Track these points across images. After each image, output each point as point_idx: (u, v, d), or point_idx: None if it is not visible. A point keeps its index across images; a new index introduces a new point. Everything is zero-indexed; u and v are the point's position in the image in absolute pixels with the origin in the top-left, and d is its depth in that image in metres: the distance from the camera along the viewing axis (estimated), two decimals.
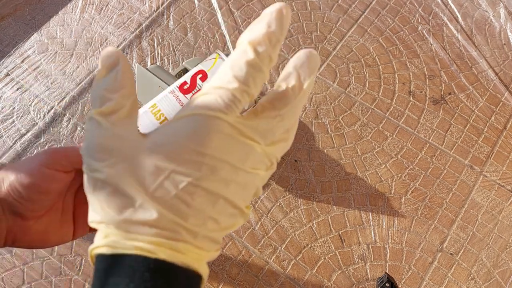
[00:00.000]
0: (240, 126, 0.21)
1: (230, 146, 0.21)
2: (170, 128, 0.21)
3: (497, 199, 1.23)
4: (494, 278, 1.13)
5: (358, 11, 1.52)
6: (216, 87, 0.21)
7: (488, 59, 1.44)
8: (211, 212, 0.21)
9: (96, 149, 0.21)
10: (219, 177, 0.21)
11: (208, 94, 0.21)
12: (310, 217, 1.19)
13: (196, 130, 0.21)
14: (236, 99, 0.21)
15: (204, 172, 0.20)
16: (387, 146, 1.29)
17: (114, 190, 0.21)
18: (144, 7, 1.52)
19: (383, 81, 1.40)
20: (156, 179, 0.20)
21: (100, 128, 0.22)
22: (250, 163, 0.22)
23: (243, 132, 0.21)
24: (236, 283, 1.10)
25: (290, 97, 0.23)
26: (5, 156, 1.25)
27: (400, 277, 1.12)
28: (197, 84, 0.34)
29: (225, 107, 0.21)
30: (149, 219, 0.20)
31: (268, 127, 0.22)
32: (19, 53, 1.42)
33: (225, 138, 0.21)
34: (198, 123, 0.21)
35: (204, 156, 0.20)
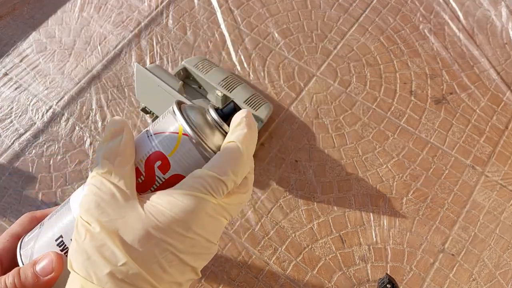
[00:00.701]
0: (220, 207, 0.26)
1: (210, 224, 0.25)
2: (166, 201, 0.25)
3: (499, 199, 1.22)
4: (496, 279, 1.12)
5: (359, 10, 1.51)
6: (212, 176, 0.25)
7: (490, 58, 1.43)
8: (179, 279, 0.25)
9: (94, 205, 0.24)
10: (195, 251, 0.25)
11: (204, 179, 0.25)
12: (311, 218, 1.18)
13: (188, 208, 0.24)
14: (225, 187, 0.26)
15: (185, 245, 0.24)
16: (388, 146, 1.29)
17: (102, 245, 0.23)
18: (143, 6, 1.51)
19: (384, 80, 1.39)
20: (144, 244, 0.23)
21: (99, 187, 0.25)
22: (218, 237, 0.27)
23: (220, 211, 0.26)
24: (236, 284, 1.10)
25: (249, 184, 0.29)
26: (3, 156, 1.24)
27: (402, 278, 1.12)
28: (156, 177, 0.27)
29: (215, 193, 0.25)
30: (129, 276, 0.23)
31: (239, 201, 0.27)
32: (17, 52, 1.41)
33: (208, 217, 0.25)
34: (191, 202, 0.24)
35: (189, 231, 0.24)
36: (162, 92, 1.09)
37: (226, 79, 1.25)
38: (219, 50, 1.43)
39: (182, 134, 0.27)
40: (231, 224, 1.17)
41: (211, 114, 0.28)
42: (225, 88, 1.23)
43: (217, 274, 1.10)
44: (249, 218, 1.17)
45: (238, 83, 1.26)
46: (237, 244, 1.14)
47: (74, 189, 1.20)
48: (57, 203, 1.18)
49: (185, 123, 0.27)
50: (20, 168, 1.23)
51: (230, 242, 1.15)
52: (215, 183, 0.25)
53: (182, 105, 0.30)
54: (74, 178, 1.22)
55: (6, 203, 1.18)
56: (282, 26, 1.47)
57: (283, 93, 1.36)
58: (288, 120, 1.32)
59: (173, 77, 1.12)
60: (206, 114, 0.29)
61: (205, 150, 0.27)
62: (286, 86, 1.37)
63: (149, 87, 1.13)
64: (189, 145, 0.27)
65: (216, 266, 1.11)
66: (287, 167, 1.25)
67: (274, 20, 1.48)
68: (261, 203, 1.19)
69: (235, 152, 0.26)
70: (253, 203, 1.19)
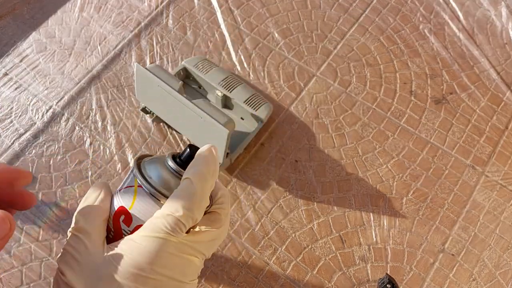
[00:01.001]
0: (184, 245, 0.26)
1: (175, 263, 0.26)
2: (127, 245, 0.26)
3: (499, 199, 1.22)
4: (496, 279, 1.12)
5: (359, 10, 1.51)
6: (166, 214, 0.26)
7: (490, 58, 1.43)
8: None
9: (67, 256, 0.27)
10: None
11: (160, 219, 0.26)
12: (311, 218, 1.18)
13: (147, 249, 0.25)
14: (182, 224, 0.26)
15: (149, 287, 0.25)
16: (388, 146, 1.29)
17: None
18: (143, 6, 1.51)
19: (384, 80, 1.39)
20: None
21: (71, 243, 0.27)
22: (190, 276, 0.27)
23: (186, 250, 0.27)
24: (236, 284, 1.10)
25: (223, 219, 0.30)
26: (3, 156, 1.24)
27: (401, 278, 1.12)
28: (122, 230, 0.29)
29: (173, 231, 0.26)
30: None
31: (210, 238, 0.29)
32: (17, 52, 1.41)
33: (172, 256, 0.26)
34: (150, 243, 0.26)
35: (151, 272, 0.25)
36: (162, 92, 1.09)
37: (226, 79, 1.25)
38: (219, 50, 1.43)
39: (137, 186, 0.29)
40: (231, 224, 1.17)
41: (168, 163, 0.30)
42: (225, 88, 1.23)
43: (217, 274, 1.10)
44: (249, 218, 1.18)
45: (238, 83, 1.26)
46: (237, 244, 1.14)
47: (74, 189, 1.20)
48: (57, 203, 1.18)
49: (139, 175, 0.29)
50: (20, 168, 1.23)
51: (230, 242, 1.15)
52: (171, 221, 0.26)
53: (144, 158, 0.32)
54: (74, 178, 1.22)
55: None
56: (282, 26, 1.47)
57: (283, 93, 1.36)
58: (288, 120, 1.32)
59: (173, 77, 1.12)
60: (165, 163, 0.31)
61: (160, 198, 0.29)
62: (286, 86, 1.37)
63: (149, 87, 1.13)
64: (144, 195, 0.29)
65: (216, 266, 1.12)
66: (287, 167, 1.25)
67: (274, 20, 1.48)
68: (261, 203, 1.19)
69: (188, 189, 0.27)
70: (253, 203, 1.19)
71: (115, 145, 1.26)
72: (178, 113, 1.11)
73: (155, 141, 1.27)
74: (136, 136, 1.27)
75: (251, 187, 1.21)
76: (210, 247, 0.29)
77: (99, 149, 1.26)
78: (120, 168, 1.23)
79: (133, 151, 1.25)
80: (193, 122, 1.08)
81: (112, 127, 1.29)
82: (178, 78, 1.18)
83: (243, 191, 1.21)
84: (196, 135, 1.15)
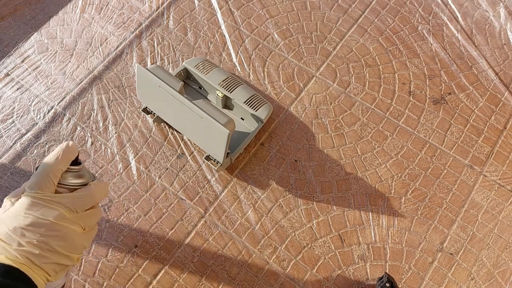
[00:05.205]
0: (43, 199, 0.40)
1: (43, 212, 0.39)
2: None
3: (497, 199, 1.23)
4: (494, 278, 1.13)
5: (358, 11, 1.52)
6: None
7: (488, 59, 1.44)
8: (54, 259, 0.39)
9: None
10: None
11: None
12: (310, 217, 1.19)
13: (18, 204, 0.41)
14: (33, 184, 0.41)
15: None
16: (387, 146, 1.29)
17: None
18: (144, 7, 1.52)
19: (383, 81, 1.40)
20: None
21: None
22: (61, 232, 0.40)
23: (46, 201, 0.40)
24: (236, 283, 1.10)
25: (89, 187, 0.45)
26: (5, 156, 1.25)
27: (400, 277, 1.12)
28: None
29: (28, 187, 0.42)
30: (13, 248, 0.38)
31: (73, 195, 0.42)
32: (19, 53, 1.42)
33: (37, 205, 0.40)
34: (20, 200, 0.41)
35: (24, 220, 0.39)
36: (163, 93, 1.10)
37: (227, 79, 1.26)
38: (220, 51, 1.44)
39: None
40: (231, 223, 1.18)
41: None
42: (225, 89, 1.24)
43: (217, 273, 1.11)
44: (249, 217, 1.18)
45: (238, 83, 1.27)
46: (237, 243, 1.15)
47: None
48: None
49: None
50: (21, 168, 1.24)
51: (230, 241, 1.15)
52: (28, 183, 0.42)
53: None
54: None
55: None
56: (282, 27, 1.48)
57: (282, 93, 1.37)
58: (287, 120, 1.33)
59: (174, 78, 1.13)
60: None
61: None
62: (286, 87, 1.38)
63: (150, 87, 1.14)
64: None
65: (216, 265, 1.12)
66: (286, 167, 1.25)
67: (274, 21, 1.49)
68: (261, 203, 1.20)
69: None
70: (253, 203, 1.20)
71: (116, 145, 1.27)
72: (179, 113, 1.12)
73: (156, 141, 1.28)
74: (137, 136, 1.28)
75: (251, 187, 1.22)
76: (76, 202, 0.41)
77: (100, 149, 1.27)
78: (121, 168, 1.24)
79: (134, 151, 1.26)
80: (194, 122, 1.09)
81: (113, 127, 1.30)
82: (178, 79, 1.19)
83: (243, 191, 1.22)
84: (197, 135, 1.16)
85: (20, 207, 0.39)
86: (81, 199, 0.41)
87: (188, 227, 1.17)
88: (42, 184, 0.39)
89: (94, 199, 0.43)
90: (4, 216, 0.39)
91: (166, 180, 1.23)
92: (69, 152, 0.43)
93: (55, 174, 0.41)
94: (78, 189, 0.43)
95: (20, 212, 0.38)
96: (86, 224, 0.42)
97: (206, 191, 1.21)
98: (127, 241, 1.15)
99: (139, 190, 1.21)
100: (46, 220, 0.38)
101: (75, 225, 0.40)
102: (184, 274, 1.11)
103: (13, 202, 0.40)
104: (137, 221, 1.17)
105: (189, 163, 1.25)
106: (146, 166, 1.24)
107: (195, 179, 1.23)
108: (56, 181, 0.41)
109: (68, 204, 0.40)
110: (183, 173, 1.24)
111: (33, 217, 0.38)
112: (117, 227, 1.16)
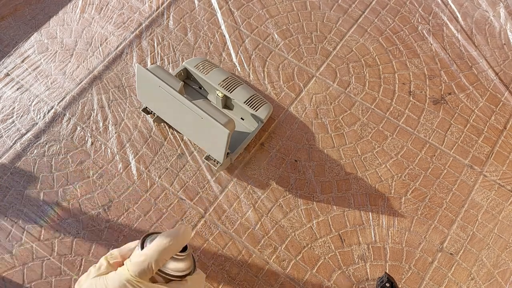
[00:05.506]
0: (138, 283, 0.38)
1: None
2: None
3: (497, 199, 1.23)
4: (494, 278, 1.13)
5: (358, 11, 1.52)
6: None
7: (488, 59, 1.44)
8: None
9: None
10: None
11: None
12: (310, 217, 1.19)
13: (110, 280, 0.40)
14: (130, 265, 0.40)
15: None
16: (387, 146, 1.29)
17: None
18: (144, 7, 1.52)
19: (383, 81, 1.40)
20: None
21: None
22: None
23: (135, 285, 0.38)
24: (236, 283, 1.10)
25: (186, 284, 0.42)
26: (5, 156, 1.25)
27: (400, 277, 1.12)
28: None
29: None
30: None
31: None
32: (19, 53, 1.42)
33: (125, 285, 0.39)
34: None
35: None
36: (163, 93, 1.10)
37: (226, 79, 1.26)
38: (220, 51, 1.44)
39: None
40: (231, 223, 1.18)
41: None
42: (225, 89, 1.24)
43: (217, 273, 1.11)
44: (249, 217, 1.18)
45: (238, 83, 1.27)
46: (237, 243, 1.15)
47: (75, 188, 1.21)
48: (59, 202, 1.19)
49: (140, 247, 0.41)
50: (21, 168, 1.24)
51: (230, 241, 1.15)
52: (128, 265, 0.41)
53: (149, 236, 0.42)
54: (75, 178, 1.22)
55: (7, 203, 1.19)
56: (282, 27, 1.48)
57: (282, 93, 1.37)
58: (287, 120, 1.33)
59: (174, 78, 1.13)
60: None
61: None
62: (286, 87, 1.38)
63: (150, 87, 1.14)
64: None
65: (216, 265, 1.12)
66: (286, 167, 1.25)
67: (274, 21, 1.49)
68: (261, 203, 1.20)
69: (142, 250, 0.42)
70: (253, 203, 1.20)
71: (116, 145, 1.27)
72: (179, 113, 1.12)
73: (156, 141, 1.28)
74: (137, 136, 1.28)
75: (251, 187, 1.22)
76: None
77: (100, 149, 1.27)
78: (121, 168, 1.24)
79: (134, 151, 1.26)
80: (194, 122, 1.09)
81: (113, 127, 1.30)
82: (178, 79, 1.19)
83: (243, 191, 1.22)
84: (197, 135, 1.16)
85: (112, 283, 0.38)
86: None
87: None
88: (142, 270, 0.38)
89: None
90: (93, 283, 0.39)
91: (166, 180, 1.22)
92: (184, 238, 0.40)
93: (159, 263, 0.39)
94: (174, 281, 0.41)
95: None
96: None
97: (206, 191, 1.21)
98: (127, 241, 1.15)
99: (139, 190, 1.21)
100: None
101: None
102: None
103: (109, 265, 0.40)
104: (137, 221, 1.17)
105: (189, 163, 1.25)
106: (146, 166, 1.24)
107: (195, 179, 1.23)
108: (157, 269, 0.39)
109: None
110: (183, 173, 1.24)
111: None
112: (117, 227, 1.16)
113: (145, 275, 0.38)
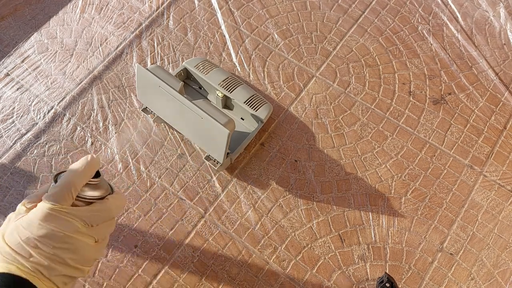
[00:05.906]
0: (60, 212, 0.39)
1: (58, 223, 0.39)
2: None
3: (497, 199, 1.23)
4: (494, 278, 1.13)
5: (358, 11, 1.52)
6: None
7: (488, 59, 1.44)
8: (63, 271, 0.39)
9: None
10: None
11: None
12: (310, 217, 1.19)
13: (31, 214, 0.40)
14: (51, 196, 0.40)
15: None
16: (387, 146, 1.29)
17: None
18: (144, 7, 1.52)
19: (383, 81, 1.40)
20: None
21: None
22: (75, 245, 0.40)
23: (63, 214, 0.39)
24: (236, 283, 1.10)
25: (107, 201, 0.43)
26: (5, 156, 1.25)
27: (400, 277, 1.12)
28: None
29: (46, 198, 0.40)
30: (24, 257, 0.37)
31: (89, 209, 0.41)
32: (19, 53, 1.42)
33: (51, 216, 0.38)
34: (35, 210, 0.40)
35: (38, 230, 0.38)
36: (163, 93, 1.10)
37: (227, 79, 1.26)
38: (220, 51, 1.44)
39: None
40: (231, 223, 1.18)
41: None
42: (225, 89, 1.24)
43: (217, 273, 1.11)
44: (249, 217, 1.18)
45: (238, 83, 1.27)
46: (237, 243, 1.15)
47: None
48: None
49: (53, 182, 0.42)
50: (21, 168, 1.24)
51: (230, 241, 1.15)
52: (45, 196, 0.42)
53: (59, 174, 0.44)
54: None
55: (7, 203, 1.19)
56: (282, 27, 1.48)
57: (282, 93, 1.37)
58: (287, 120, 1.33)
59: (174, 78, 1.13)
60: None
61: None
62: (286, 87, 1.38)
63: (150, 87, 1.14)
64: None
65: (216, 265, 1.12)
66: (286, 167, 1.25)
67: (274, 21, 1.49)
68: (261, 203, 1.20)
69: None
70: (253, 203, 1.20)
71: (116, 145, 1.27)
72: (179, 113, 1.12)
73: (156, 141, 1.28)
74: (137, 136, 1.28)
75: (251, 187, 1.22)
76: (92, 216, 0.40)
77: (100, 149, 1.27)
78: (121, 168, 1.24)
79: (134, 151, 1.26)
80: (194, 122, 1.09)
81: (113, 127, 1.30)
82: (178, 79, 1.19)
83: (243, 191, 1.22)
84: (197, 135, 1.16)
85: (35, 217, 0.38)
86: (97, 213, 0.41)
87: (188, 227, 1.17)
88: (61, 197, 0.39)
89: (111, 213, 0.43)
90: (17, 224, 0.38)
91: (166, 180, 1.23)
92: (93, 165, 0.42)
93: (76, 188, 0.40)
94: (95, 202, 0.42)
95: (34, 222, 0.37)
96: (100, 236, 0.42)
97: (206, 191, 1.21)
98: (127, 241, 1.15)
99: (139, 190, 1.21)
100: (60, 233, 0.38)
101: (89, 238, 0.40)
102: (184, 274, 1.11)
103: (27, 209, 0.40)
104: (137, 221, 1.17)
105: (189, 163, 1.25)
106: (146, 166, 1.24)
107: (195, 179, 1.23)
108: (75, 194, 0.40)
109: (84, 218, 0.40)
110: (183, 173, 1.24)
111: (48, 229, 0.37)
112: (117, 227, 1.16)
113: (65, 201, 0.39)
